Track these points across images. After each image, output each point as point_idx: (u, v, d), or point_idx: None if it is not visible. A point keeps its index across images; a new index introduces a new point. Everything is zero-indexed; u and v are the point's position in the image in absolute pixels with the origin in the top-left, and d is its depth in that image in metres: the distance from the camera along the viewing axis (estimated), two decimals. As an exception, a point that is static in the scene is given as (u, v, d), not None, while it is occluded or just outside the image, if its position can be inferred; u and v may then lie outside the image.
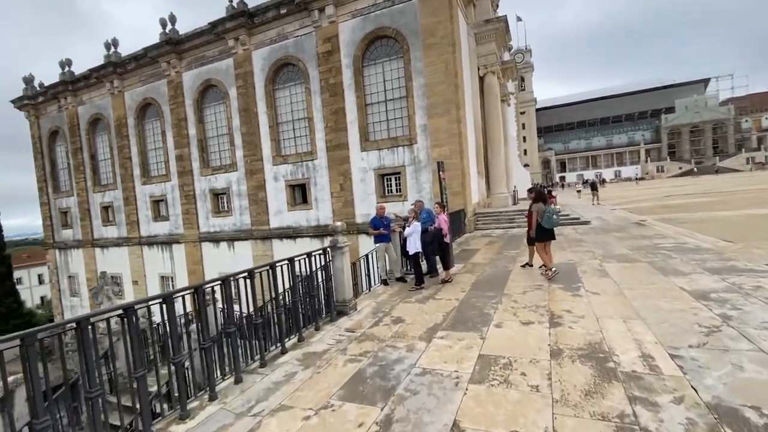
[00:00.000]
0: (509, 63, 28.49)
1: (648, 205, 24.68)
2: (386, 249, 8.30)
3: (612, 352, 4.02)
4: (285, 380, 4.04)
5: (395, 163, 17.40)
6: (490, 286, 7.26)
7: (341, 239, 5.99)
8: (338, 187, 18.45)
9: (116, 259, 27.50)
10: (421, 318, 5.69)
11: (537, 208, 7.70)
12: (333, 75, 18.30)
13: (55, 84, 28.01)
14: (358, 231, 17.37)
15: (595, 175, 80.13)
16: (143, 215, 26.09)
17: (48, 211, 31.68)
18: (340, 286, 6.07)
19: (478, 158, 20.60)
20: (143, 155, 25.49)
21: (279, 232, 20.25)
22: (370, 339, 5.01)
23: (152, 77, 24.06)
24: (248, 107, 20.67)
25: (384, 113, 17.78)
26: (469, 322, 5.29)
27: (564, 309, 5.52)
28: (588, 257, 9.27)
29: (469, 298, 6.55)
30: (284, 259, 4.95)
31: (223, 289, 3.99)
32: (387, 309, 6.35)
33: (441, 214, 7.90)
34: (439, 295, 6.95)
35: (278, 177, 20.26)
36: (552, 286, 6.82)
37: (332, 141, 18.48)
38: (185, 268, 23.92)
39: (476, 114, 20.46)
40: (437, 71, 16.27)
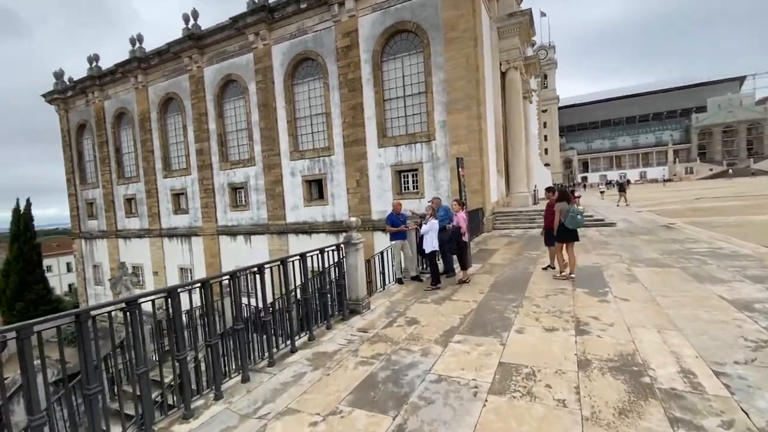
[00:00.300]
0: (532, 58, 27.69)
1: (677, 207, 23.61)
2: (402, 246, 8.05)
3: (647, 365, 3.67)
4: (293, 381, 3.86)
5: (413, 159, 17.11)
6: (510, 288, 6.93)
7: (355, 235, 5.78)
8: (354, 183, 18.28)
9: (138, 250, 28.18)
10: (436, 320, 5.44)
11: (560, 207, 7.33)
12: (352, 70, 18.11)
13: (83, 79, 28.81)
14: (373, 228, 17.19)
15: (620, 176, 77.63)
16: (164, 208, 26.59)
17: (75, 201, 32.72)
18: (353, 283, 5.87)
19: (498, 156, 20.08)
20: (165, 149, 25.96)
21: (295, 227, 20.26)
22: (383, 340, 4.79)
23: (175, 72, 24.41)
24: (267, 102, 20.71)
25: (402, 109, 17.49)
26: (488, 327, 5.00)
27: (591, 315, 5.16)
28: (614, 261, 8.80)
29: (488, 300, 6.25)
30: (296, 255, 4.78)
31: (231, 284, 3.83)
32: (401, 309, 6.12)
33: (459, 212, 7.60)
34: (456, 296, 6.67)
35: (295, 172, 20.26)
36: (577, 291, 6.45)
37: (349, 137, 18.32)
38: (203, 261, 24.28)
39: (497, 111, 19.93)
40: (458, 66, 15.87)
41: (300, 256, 4.80)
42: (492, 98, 18.92)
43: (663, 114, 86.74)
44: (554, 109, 77.27)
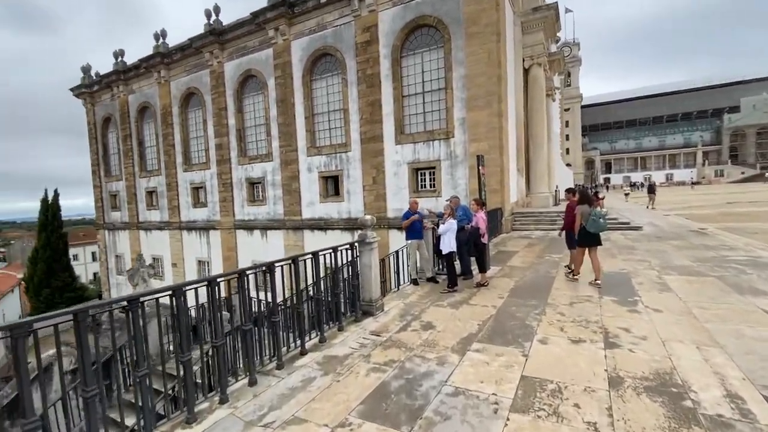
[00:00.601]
0: (556, 55, 26.88)
1: (707, 212, 22.52)
2: (418, 246, 7.80)
3: (688, 386, 3.33)
4: (302, 387, 3.68)
5: (430, 157, 16.78)
6: (531, 293, 6.59)
7: (370, 234, 5.56)
8: (371, 180, 18.08)
9: (158, 241, 28.74)
10: (453, 325, 5.17)
11: (582, 210, 6.98)
12: (370, 65, 17.87)
13: (108, 73, 29.49)
14: (389, 226, 16.96)
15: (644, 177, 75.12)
16: (184, 201, 27.01)
17: (99, 193, 33.64)
18: (366, 284, 5.66)
19: (518, 155, 19.54)
20: (185, 143, 26.33)
21: (311, 223, 20.22)
22: (397, 346, 4.56)
23: (196, 67, 24.68)
24: (285, 98, 20.70)
25: (421, 105, 17.15)
26: (509, 335, 4.71)
27: (620, 327, 4.80)
28: (643, 267, 8.33)
29: (508, 306, 5.94)
30: (308, 253, 4.60)
31: (240, 283, 3.67)
32: (416, 312, 5.87)
33: (479, 212, 7.29)
34: (474, 300, 6.37)
35: (312, 168, 20.19)
36: (604, 299, 6.06)
37: (367, 133, 18.11)
38: (221, 254, 24.55)
39: (519, 108, 19.37)
40: (479, 62, 15.43)
41: (312, 255, 4.62)
42: (514, 95, 18.39)
43: (692, 114, 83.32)
44: (577, 108, 75.26)
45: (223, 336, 3.54)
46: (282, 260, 4.17)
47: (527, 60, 20.26)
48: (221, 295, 3.59)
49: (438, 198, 16.08)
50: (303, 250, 17.92)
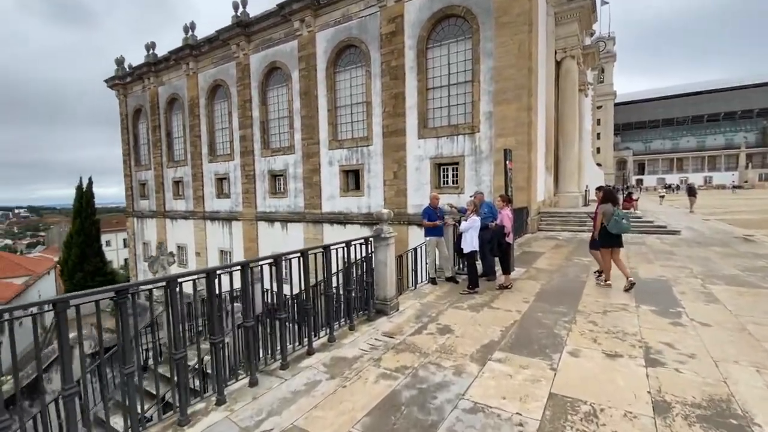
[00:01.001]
0: (591, 48, 25.56)
1: (752, 217, 20.95)
2: (437, 244, 7.40)
3: (750, 417, 2.84)
4: (305, 390, 3.40)
5: (454, 152, 16.24)
6: (559, 298, 6.09)
7: (386, 229, 5.23)
8: (392, 174, 17.72)
9: (183, 230, 29.42)
10: (473, 330, 4.78)
11: (604, 209, 6.63)
12: (395, 57, 17.45)
13: (140, 65, 30.26)
14: (408, 222, 16.58)
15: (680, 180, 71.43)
16: (208, 192, 27.47)
17: (130, 182, 34.75)
18: (381, 281, 5.33)
19: (547, 152, 18.70)
20: (211, 134, 26.71)
21: (330, 217, 20.08)
22: (411, 350, 4.21)
23: (223, 59, 24.92)
24: (309, 90, 20.57)
25: (446, 98, 16.61)
26: (535, 345, 4.27)
27: (663, 341, 4.28)
28: (684, 275, 7.63)
29: (534, 311, 5.48)
30: (318, 247, 4.30)
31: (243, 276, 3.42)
32: (433, 314, 5.50)
33: (504, 209, 6.81)
34: (496, 303, 5.94)
35: (333, 162, 20.02)
36: (642, 308, 5.51)
37: (389, 127, 17.74)
38: (242, 245, 24.84)
39: (549, 103, 18.50)
40: (509, 53, 14.75)
41: (323, 249, 4.32)
42: (544, 89, 17.55)
43: (736, 114, 78.27)
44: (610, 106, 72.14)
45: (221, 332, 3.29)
46: (290, 253, 3.89)
47: (560, 52, 19.32)
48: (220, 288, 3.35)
49: (460, 195, 15.56)
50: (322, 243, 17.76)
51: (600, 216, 6.71)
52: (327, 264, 4.32)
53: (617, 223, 6.43)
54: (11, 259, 40.77)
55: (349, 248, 4.73)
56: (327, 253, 4.37)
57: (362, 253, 5.09)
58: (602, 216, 6.65)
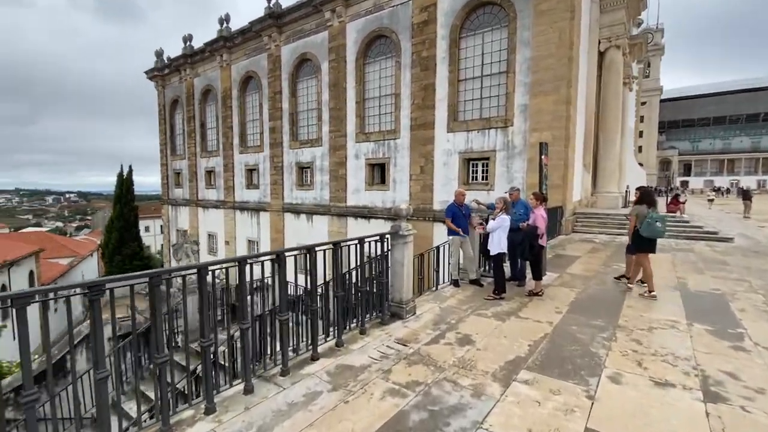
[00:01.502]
0: (638, 38, 23.83)
1: (819, 226, 18.85)
2: (461, 243, 6.89)
3: None
4: (303, 403, 3.06)
5: (485, 147, 15.50)
6: (596, 310, 5.46)
7: (404, 226, 4.80)
8: (418, 169, 17.19)
9: (214, 219, 30.17)
10: (497, 342, 4.28)
11: (637, 211, 6.27)
12: (426, 47, 16.84)
13: (177, 57, 31.10)
14: (434, 218, 16.04)
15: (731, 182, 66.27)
16: (238, 182, 27.96)
17: (165, 171, 36.02)
18: (397, 282, 4.93)
19: (585, 149, 17.56)
20: (242, 126, 27.10)
21: (355, 210, 19.84)
22: (425, 362, 3.79)
23: (255, 51, 25.11)
24: (338, 82, 20.32)
25: (478, 90, 15.86)
26: (569, 364, 3.74)
27: (724, 370, 3.64)
28: (742, 288, 6.74)
29: (567, 323, 4.90)
30: (328, 243, 3.95)
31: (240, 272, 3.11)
32: (453, 320, 5.04)
33: (538, 208, 6.21)
34: (524, 312, 5.38)
35: (359, 155, 19.72)
36: (695, 326, 4.81)
37: (417, 119, 17.19)
38: (269, 235, 25.13)
39: (590, 96, 17.30)
40: (548, 42, 13.82)
41: (333, 245, 3.96)
42: (585, 81, 16.41)
43: (801, 112, 71.53)
44: (655, 102, 67.90)
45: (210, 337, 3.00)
46: (294, 249, 3.55)
47: (604, 42, 18.02)
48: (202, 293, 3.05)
49: (490, 192, 14.86)
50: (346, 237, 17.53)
51: (633, 219, 6.34)
52: (336, 262, 3.96)
53: (650, 226, 6.01)
54: (58, 241, 43.51)
55: (363, 246, 4.35)
56: (338, 250, 4.01)
57: (378, 251, 4.70)
58: (635, 218, 6.26)
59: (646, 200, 6.30)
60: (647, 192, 6.60)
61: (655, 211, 6.18)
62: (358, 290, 4.45)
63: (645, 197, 6.37)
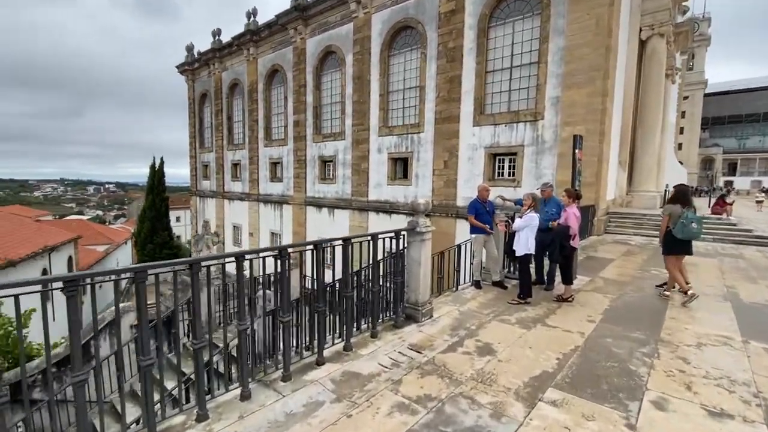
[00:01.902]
0: (684, 26, 22.20)
1: None
2: (485, 242, 6.46)
3: None
4: (302, 414, 2.79)
5: (512, 141, 14.82)
6: (635, 320, 4.93)
7: (422, 222, 4.44)
8: (442, 164, 16.69)
9: (239, 211, 30.68)
10: (521, 354, 3.88)
11: (670, 210, 5.90)
12: (453, 38, 16.24)
13: (206, 51, 31.65)
14: (457, 215, 15.53)
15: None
16: (263, 175, 28.25)
17: (194, 163, 36.95)
18: (413, 282, 4.59)
19: (622, 144, 16.53)
20: (267, 119, 27.31)
21: (376, 205, 19.57)
22: (440, 373, 3.44)
23: (281, 44, 25.16)
24: (362, 74, 20.03)
25: (506, 82, 15.15)
26: (604, 384, 3.30)
27: (793, 400, 3.10)
28: (805, 301, 5.99)
29: (602, 335, 4.41)
30: (337, 239, 3.66)
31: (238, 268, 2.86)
32: (473, 326, 4.65)
33: (571, 206, 5.69)
34: (552, 319, 4.92)
35: (382, 149, 19.40)
36: (751, 344, 4.22)
37: (442, 113, 16.66)
38: (291, 228, 25.29)
39: (628, 88, 16.23)
40: (584, 29, 12.97)
41: (343, 241, 3.67)
42: (624, 72, 15.39)
43: None
44: (698, 96, 63.84)
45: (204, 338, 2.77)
46: (297, 245, 3.28)
47: (645, 30, 16.83)
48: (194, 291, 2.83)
49: (517, 188, 14.21)
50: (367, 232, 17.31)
51: (666, 218, 5.98)
52: (346, 260, 3.67)
53: (684, 226, 5.63)
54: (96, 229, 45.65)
55: (376, 242, 4.03)
56: (349, 247, 3.71)
57: (393, 248, 4.37)
58: (668, 217, 5.92)
59: (680, 199, 5.93)
60: (682, 190, 6.16)
61: (691, 211, 5.75)
62: (370, 290, 4.14)
63: (680, 196, 6.01)
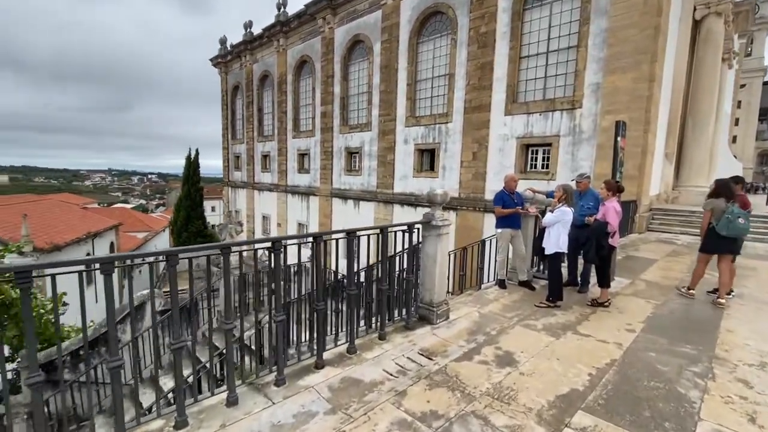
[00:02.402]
0: (744, 4, 20.08)
1: None
2: (512, 237, 5.93)
3: None
4: (290, 428, 2.48)
5: (547, 131, 13.93)
6: (683, 331, 4.30)
7: (439, 214, 4.03)
8: (470, 155, 16.00)
9: (268, 202, 31.22)
10: (547, 367, 3.40)
11: (713, 205, 5.40)
12: (485, 22, 15.42)
13: (238, 44, 32.12)
14: (485, 209, 14.86)
15: None
16: (291, 166, 28.49)
17: (226, 154, 37.89)
18: (428, 281, 4.19)
19: (669, 135, 15.20)
20: (296, 110, 27.41)
21: (401, 198, 19.16)
22: (451, 386, 3.05)
23: (310, 35, 25.05)
24: (389, 63, 19.54)
25: (542, 68, 14.22)
26: (646, 409, 2.79)
27: None
28: None
29: (643, 347, 3.84)
30: (340, 231, 3.32)
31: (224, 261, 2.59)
32: (493, 330, 4.20)
33: (610, 201, 5.06)
34: (585, 327, 4.38)
35: (408, 140, 18.91)
36: (832, 367, 3.54)
37: (472, 101, 15.93)
38: (317, 220, 25.38)
39: (679, 73, 14.83)
40: (631, 9, 11.88)
41: (347, 234, 3.33)
42: (674, 55, 14.06)
43: None
44: (757, 85, 58.22)
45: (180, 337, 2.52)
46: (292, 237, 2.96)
47: (700, 8, 15.28)
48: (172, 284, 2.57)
49: (550, 181, 13.36)
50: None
51: (707, 213, 5.53)
52: (351, 254, 3.33)
53: (730, 222, 5.16)
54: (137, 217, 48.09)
55: (386, 236, 3.67)
56: (354, 240, 3.37)
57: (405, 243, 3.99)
58: (710, 213, 5.46)
59: (723, 193, 5.41)
60: (725, 183, 5.56)
61: (736, 206, 5.19)
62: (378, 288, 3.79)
63: (721, 189, 5.48)
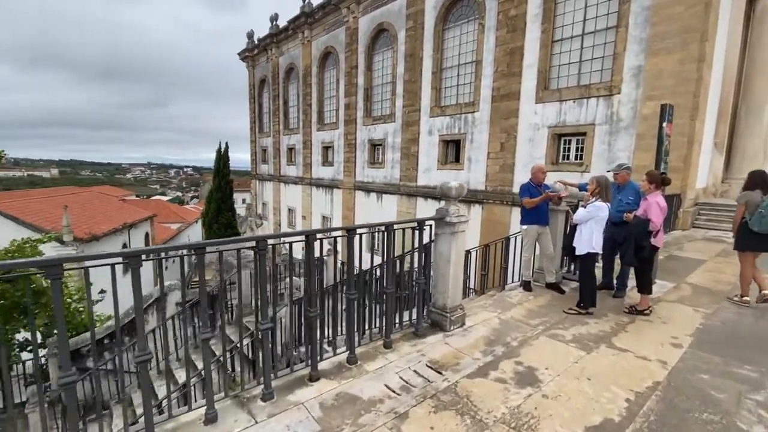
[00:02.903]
0: (814, -24, 17.94)
1: None
2: (538, 235, 5.39)
3: None
4: (272, 451, 2.20)
5: (581, 120, 13.00)
6: (741, 348, 3.68)
7: (453, 210, 3.61)
8: (498, 146, 15.25)
9: (293, 194, 31.49)
10: (576, 388, 2.93)
11: (746, 198, 4.99)
12: (515, 5, 14.52)
13: (264, 37, 32.30)
14: (512, 202, 14.14)
15: None
16: (315, 159, 28.51)
17: (254, 147, 38.49)
18: (441, 283, 3.78)
19: (719, 122, 13.85)
20: (320, 103, 27.31)
21: (425, 191, 18.65)
22: (459, 409, 2.64)
23: (334, 25, 24.76)
24: (414, 52, 18.94)
25: (576, 52, 13.23)
26: (699, 450, 2.30)
27: None
28: None
29: (693, 367, 3.28)
30: (339, 229, 2.97)
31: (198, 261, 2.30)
32: (514, 341, 3.74)
33: (653, 195, 4.43)
34: (621, 339, 3.82)
35: (433, 131, 18.31)
36: None
37: (500, 89, 15.12)
38: (340, 213, 25.31)
39: (731, 54, 13.42)
40: (678, -18, 10.76)
41: (346, 231, 2.98)
42: (726, 35, 12.70)
43: None
44: (825, 66, 52.92)
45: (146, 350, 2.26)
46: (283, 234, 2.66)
47: (761, -19, 13.73)
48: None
49: (584, 174, 12.48)
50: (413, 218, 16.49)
51: (740, 208, 5.08)
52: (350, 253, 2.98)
53: (763, 217, 4.76)
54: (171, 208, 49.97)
55: (392, 234, 3.29)
56: (351, 239, 3.01)
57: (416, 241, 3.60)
58: (744, 206, 5.02)
59: (758, 184, 4.97)
60: (760, 174, 5.12)
61: None
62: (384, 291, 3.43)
63: (756, 181, 5.04)
